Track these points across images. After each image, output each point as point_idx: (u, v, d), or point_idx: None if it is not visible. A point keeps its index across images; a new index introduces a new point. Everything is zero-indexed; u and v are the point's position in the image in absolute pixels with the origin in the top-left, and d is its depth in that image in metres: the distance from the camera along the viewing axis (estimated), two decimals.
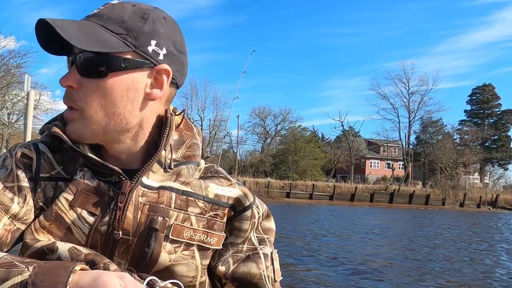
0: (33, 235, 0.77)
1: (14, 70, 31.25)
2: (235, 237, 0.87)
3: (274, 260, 0.90)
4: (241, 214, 0.87)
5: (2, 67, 30.68)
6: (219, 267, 0.86)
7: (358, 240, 11.85)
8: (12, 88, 31.05)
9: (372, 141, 57.42)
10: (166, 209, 0.80)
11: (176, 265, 0.80)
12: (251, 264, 0.86)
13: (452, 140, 54.87)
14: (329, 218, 19.86)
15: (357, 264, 8.02)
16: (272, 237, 0.93)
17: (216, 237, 0.84)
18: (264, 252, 0.89)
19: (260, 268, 0.87)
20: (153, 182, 0.81)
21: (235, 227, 0.87)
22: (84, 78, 0.76)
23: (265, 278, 0.87)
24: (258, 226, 0.91)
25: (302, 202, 36.28)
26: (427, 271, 7.76)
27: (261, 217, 0.91)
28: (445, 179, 46.68)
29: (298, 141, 50.49)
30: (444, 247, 11.52)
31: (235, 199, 0.87)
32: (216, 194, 0.85)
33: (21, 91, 29.45)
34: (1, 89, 30.23)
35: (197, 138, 0.90)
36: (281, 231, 12.10)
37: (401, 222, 19.80)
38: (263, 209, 0.92)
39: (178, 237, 0.80)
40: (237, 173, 42.41)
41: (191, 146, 0.88)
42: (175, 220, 0.80)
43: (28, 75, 16.56)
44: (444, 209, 37.34)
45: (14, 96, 31.25)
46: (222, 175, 0.91)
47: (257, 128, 55.70)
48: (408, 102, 53.90)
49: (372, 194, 39.92)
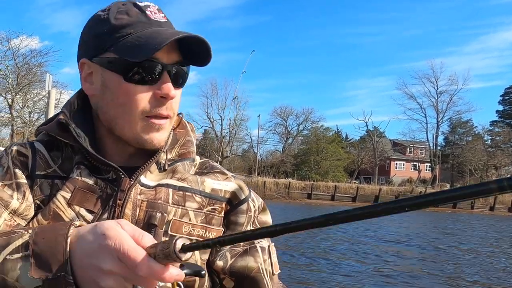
0: None
1: (36, 69, 31.76)
2: (232, 231, 0.87)
3: (272, 254, 0.90)
4: (237, 208, 0.88)
5: (24, 66, 31.15)
6: (217, 262, 0.86)
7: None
8: (34, 87, 31.59)
9: (397, 142, 55.76)
10: (164, 205, 0.80)
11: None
12: (248, 258, 0.87)
13: (482, 141, 52.74)
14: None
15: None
16: None
17: (214, 232, 0.85)
18: (261, 246, 0.89)
19: (257, 261, 0.87)
20: (150, 181, 0.82)
21: (231, 221, 0.88)
22: (177, 88, 0.81)
23: (263, 271, 0.87)
24: (255, 220, 0.91)
25: (324, 203, 35.38)
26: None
27: (257, 211, 0.92)
28: (475, 181, 44.74)
29: (320, 141, 49.44)
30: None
31: (231, 193, 0.88)
32: (212, 188, 0.87)
33: (42, 90, 29.77)
34: (23, 87, 30.69)
35: (190, 135, 0.91)
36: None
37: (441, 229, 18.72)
38: (258, 203, 0.92)
39: (177, 232, 0.81)
40: (257, 173, 41.85)
41: (185, 144, 0.89)
42: (174, 216, 0.81)
43: (49, 74, 16.49)
44: (473, 212, 35.74)
45: (35, 94, 31.77)
46: (217, 169, 0.92)
47: (279, 128, 54.97)
48: (436, 102, 51.71)
49: (397, 196, 38.48)
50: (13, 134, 30.75)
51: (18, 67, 30.68)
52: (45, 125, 0.86)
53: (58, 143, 0.84)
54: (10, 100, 30.57)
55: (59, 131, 0.82)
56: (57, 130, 0.82)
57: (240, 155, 53.74)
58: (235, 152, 51.43)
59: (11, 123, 30.93)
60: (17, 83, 30.33)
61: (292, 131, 54.80)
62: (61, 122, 0.81)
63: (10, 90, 30.23)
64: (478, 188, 0.34)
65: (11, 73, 30.59)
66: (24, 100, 31.70)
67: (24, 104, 31.91)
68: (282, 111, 54.45)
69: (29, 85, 31.08)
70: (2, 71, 30.60)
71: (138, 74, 0.77)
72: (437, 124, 52.26)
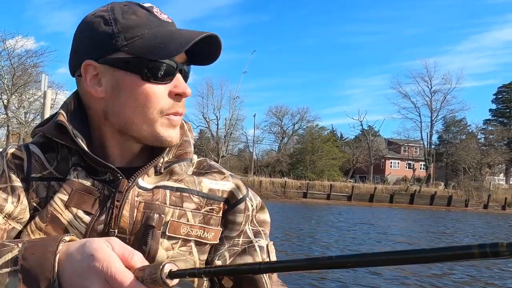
0: (30, 237, 0.77)
1: (31, 69, 31.59)
2: (230, 231, 0.87)
3: (270, 252, 0.89)
4: (234, 207, 0.87)
5: (19, 67, 31.02)
6: (215, 262, 0.86)
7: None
8: (29, 87, 31.44)
9: (392, 140, 56.07)
10: (162, 206, 0.80)
11: (174, 262, 0.79)
12: (247, 257, 0.86)
13: (476, 140, 53.00)
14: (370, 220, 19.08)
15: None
16: (267, 229, 0.93)
17: (213, 232, 0.84)
18: (259, 245, 0.88)
19: (256, 261, 0.86)
20: (147, 184, 0.82)
21: (229, 221, 0.87)
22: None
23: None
24: (253, 219, 0.91)
25: (320, 202, 35.55)
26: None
27: (255, 210, 0.91)
28: (469, 180, 45.19)
29: (316, 141, 49.54)
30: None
31: (229, 193, 0.87)
32: (210, 188, 0.86)
33: (38, 90, 29.78)
34: (18, 88, 30.57)
35: (188, 135, 0.90)
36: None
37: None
38: (256, 201, 0.92)
39: (175, 233, 0.80)
40: (253, 173, 41.97)
41: (182, 145, 0.89)
42: (171, 217, 0.80)
43: (45, 74, 16.49)
44: (467, 210, 35.95)
45: (31, 95, 31.65)
46: (215, 169, 0.91)
47: (274, 127, 55.23)
48: (430, 101, 52.09)
49: (392, 195, 38.81)
50: (8, 135, 30.67)
51: (14, 68, 30.53)
52: (41, 126, 0.85)
53: (54, 144, 0.84)
54: (6, 101, 30.43)
55: (57, 132, 0.81)
56: (54, 131, 0.81)
57: (236, 154, 53.80)
58: (231, 152, 51.48)
59: (6, 124, 30.82)
60: (12, 83, 30.18)
61: (288, 131, 55.13)
62: (59, 123, 0.80)
63: (6, 90, 30.09)
64: (459, 252, 0.33)
65: (6, 73, 30.46)
66: (20, 101, 31.56)
67: (20, 105, 31.77)
68: (277, 111, 54.77)
69: (24, 86, 30.93)
70: None
71: (156, 73, 0.77)
72: (431, 123, 52.73)
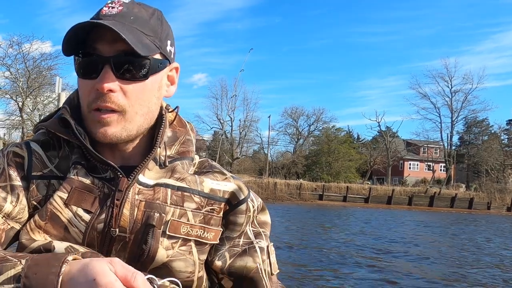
0: (29, 235, 0.77)
1: (46, 72, 31.94)
2: (230, 231, 0.88)
3: (271, 254, 0.90)
4: (236, 208, 0.88)
5: (34, 69, 31.35)
6: (215, 262, 0.86)
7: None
8: (44, 90, 31.79)
9: (411, 142, 54.85)
10: (162, 205, 0.80)
11: (174, 261, 0.81)
12: (247, 258, 0.87)
13: (499, 140, 51.54)
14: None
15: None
16: (268, 231, 0.94)
17: (213, 232, 0.85)
18: (260, 246, 0.89)
19: (256, 262, 0.87)
20: (148, 179, 0.82)
21: (230, 221, 0.88)
22: (125, 81, 0.78)
23: (261, 271, 0.88)
24: (254, 220, 0.92)
25: (336, 204, 34.81)
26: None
27: (256, 211, 0.92)
28: (491, 182, 43.74)
29: (332, 142, 48.79)
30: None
31: (230, 193, 0.88)
32: (211, 188, 0.86)
33: (52, 93, 30.00)
34: (33, 91, 30.88)
35: (190, 134, 0.92)
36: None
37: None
38: (258, 203, 0.92)
39: (175, 233, 0.81)
40: (268, 175, 41.47)
41: (185, 142, 0.89)
42: (172, 216, 0.81)
43: (59, 77, 16.45)
44: (489, 213, 34.73)
45: (46, 97, 32.00)
46: (217, 169, 0.91)
47: (289, 129, 54.48)
48: (450, 101, 50.67)
49: (411, 197, 37.86)
50: (23, 137, 30.96)
51: (29, 70, 30.91)
52: (44, 121, 0.84)
53: (55, 142, 0.83)
54: (21, 103, 30.83)
55: (60, 127, 0.81)
56: (57, 126, 0.81)
57: (251, 156, 53.40)
58: (246, 154, 51.13)
59: (21, 126, 31.18)
60: (27, 86, 30.57)
61: (303, 132, 54.40)
62: (62, 117, 0.80)
63: (21, 93, 30.47)
64: None
65: (21, 76, 30.83)
66: (34, 103, 31.95)
67: (34, 107, 32.17)
68: (292, 112, 54.15)
69: (39, 88, 31.30)
70: (13, 75, 30.87)
71: (82, 69, 0.78)
72: (452, 124, 51.30)
